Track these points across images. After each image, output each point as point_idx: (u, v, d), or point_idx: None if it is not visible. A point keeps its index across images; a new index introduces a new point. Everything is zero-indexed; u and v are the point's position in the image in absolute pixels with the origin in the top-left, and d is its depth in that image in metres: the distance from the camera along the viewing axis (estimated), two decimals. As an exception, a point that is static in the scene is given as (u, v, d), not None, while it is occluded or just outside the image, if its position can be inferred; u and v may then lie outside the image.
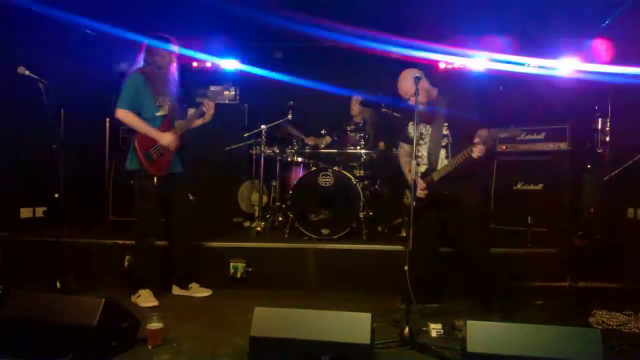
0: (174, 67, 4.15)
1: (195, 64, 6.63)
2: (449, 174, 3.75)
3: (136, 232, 4.16)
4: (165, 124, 4.10)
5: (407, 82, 3.76)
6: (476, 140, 3.51)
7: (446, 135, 3.87)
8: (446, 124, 3.86)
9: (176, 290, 4.28)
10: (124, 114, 3.98)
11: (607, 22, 5.17)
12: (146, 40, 4.07)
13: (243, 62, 6.65)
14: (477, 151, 3.51)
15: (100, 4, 5.38)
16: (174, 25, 5.22)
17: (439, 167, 3.86)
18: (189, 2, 5.36)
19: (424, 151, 3.95)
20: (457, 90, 4.21)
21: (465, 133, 3.70)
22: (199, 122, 4.25)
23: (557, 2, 5.05)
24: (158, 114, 4.06)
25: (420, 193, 3.87)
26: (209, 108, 4.17)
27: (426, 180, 3.87)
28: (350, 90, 6.10)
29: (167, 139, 4.02)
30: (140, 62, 4.09)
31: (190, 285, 4.27)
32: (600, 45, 5.20)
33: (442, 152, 3.89)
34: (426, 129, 3.94)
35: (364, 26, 5.36)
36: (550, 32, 5.50)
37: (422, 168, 3.95)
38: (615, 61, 5.02)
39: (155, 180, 4.02)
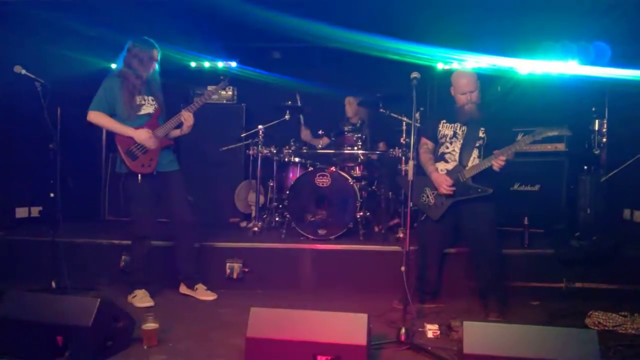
0: (154, 69, 4.11)
1: (193, 64, 6.61)
2: (479, 173, 3.79)
3: (131, 232, 4.14)
4: (151, 123, 4.05)
5: (466, 78, 3.89)
6: (496, 151, 3.67)
7: (482, 138, 3.90)
8: (483, 128, 3.89)
9: (183, 289, 4.26)
10: (94, 115, 3.96)
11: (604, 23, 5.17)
12: (129, 42, 4.05)
13: (241, 62, 6.64)
14: (497, 165, 3.67)
15: (99, 3, 5.38)
16: (172, 25, 5.24)
17: (469, 165, 3.86)
18: (188, 2, 5.35)
19: (456, 148, 3.95)
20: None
21: (498, 140, 3.81)
22: (177, 132, 4.19)
23: (554, 3, 5.06)
24: (140, 113, 4.02)
25: (447, 189, 3.85)
26: (186, 119, 4.09)
27: (452, 179, 3.86)
28: (348, 91, 6.10)
29: (142, 135, 3.95)
30: (121, 63, 4.07)
31: (196, 286, 4.24)
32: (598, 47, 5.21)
33: (475, 152, 3.90)
34: (461, 129, 3.95)
35: (361, 27, 5.35)
36: (547, 33, 5.50)
37: (451, 165, 3.94)
38: (612, 63, 5.03)
39: (139, 178, 3.98)
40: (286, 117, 5.52)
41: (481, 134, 3.89)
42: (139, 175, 3.98)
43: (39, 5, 5.08)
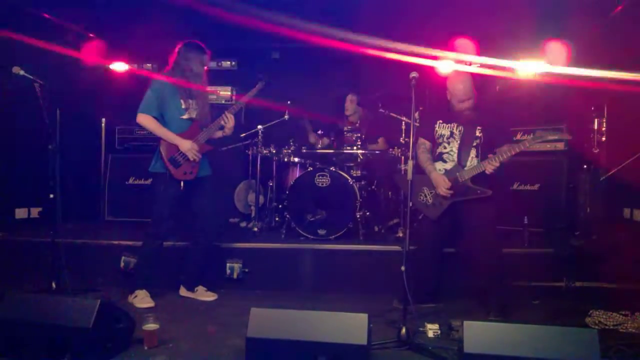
0: (205, 75, 4.14)
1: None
2: (477, 174, 3.79)
3: (148, 232, 4.12)
4: (194, 129, 4.06)
5: (462, 85, 3.87)
6: (490, 155, 3.69)
7: (478, 137, 3.89)
8: (480, 127, 3.89)
9: (183, 292, 4.26)
10: (143, 119, 3.96)
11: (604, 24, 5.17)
12: (180, 45, 4.05)
13: (240, 62, 6.63)
14: (489, 168, 3.68)
15: (99, 4, 5.37)
16: (171, 25, 5.23)
17: (468, 165, 3.86)
18: (186, 2, 5.34)
19: (454, 148, 3.94)
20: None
21: (495, 138, 3.82)
22: (219, 133, 4.21)
23: (553, 4, 5.06)
24: (184, 117, 4.02)
25: (445, 192, 3.85)
26: (227, 121, 4.12)
27: (451, 179, 3.86)
28: (347, 91, 6.09)
29: (186, 145, 3.97)
30: (171, 65, 4.06)
31: (196, 288, 4.24)
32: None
33: (473, 152, 3.90)
34: (457, 129, 3.95)
35: (360, 28, 5.35)
36: (547, 33, 5.49)
37: (449, 165, 3.94)
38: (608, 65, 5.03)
39: (182, 185, 4.00)
40: (285, 117, 5.52)
41: (478, 133, 3.89)
42: (182, 182, 4.00)
43: (38, 5, 5.07)
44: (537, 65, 5.50)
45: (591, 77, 4.82)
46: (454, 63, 5.19)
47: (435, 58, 5.50)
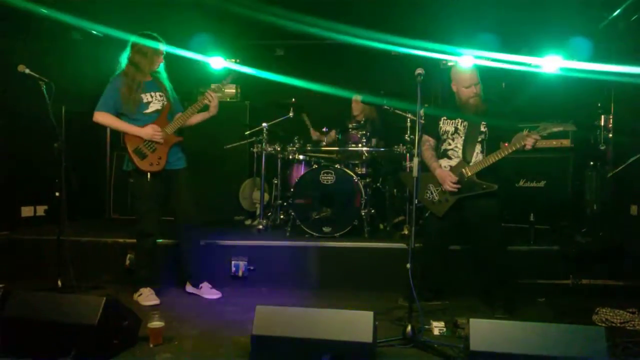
0: (160, 65, 4.09)
1: (195, 62, 6.58)
2: (483, 170, 3.77)
3: (136, 232, 4.12)
4: (161, 120, 4.03)
5: (468, 71, 3.89)
6: (505, 145, 3.68)
7: (483, 132, 3.87)
8: (484, 122, 3.87)
9: (189, 287, 4.26)
10: (100, 116, 3.95)
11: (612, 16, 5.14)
12: (132, 39, 4.01)
13: (244, 59, 6.62)
14: (530, 142, 3.57)
15: (103, 3, 5.39)
16: (174, 23, 5.23)
17: (473, 160, 3.84)
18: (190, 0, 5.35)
19: (458, 144, 3.92)
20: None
21: (500, 132, 3.82)
22: (199, 117, 4.13)
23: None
24: (147, 111, 4.00)
25: (451, 186, 3.83)
26: (211, 99, 4.04)
27: (456, 175, 3.84)
28: (351, 88, 6.08)
29: (147, 131, 3.93)
30: (124, 61, 4.02)
31: (201, 285, 4.24)
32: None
33: (478, 147, 3.88)
34: (462, 125, 3.93)
35: (365, 25, 5.34)
36: (552, 28, 5.47)
37: (454, 161, 3.92)
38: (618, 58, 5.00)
39: (148, 176, 3.96)
40: (290, 114, 5.51)
41: (483, 129, 3.87)
42: (148, 173, 3.97)
43: (43, 4, 5.08)
44: (545, 61, 5.50)
45: (598, 72, 4.82)
46: (460, 59, 5.17)
47: (441, 54, 5.51)
